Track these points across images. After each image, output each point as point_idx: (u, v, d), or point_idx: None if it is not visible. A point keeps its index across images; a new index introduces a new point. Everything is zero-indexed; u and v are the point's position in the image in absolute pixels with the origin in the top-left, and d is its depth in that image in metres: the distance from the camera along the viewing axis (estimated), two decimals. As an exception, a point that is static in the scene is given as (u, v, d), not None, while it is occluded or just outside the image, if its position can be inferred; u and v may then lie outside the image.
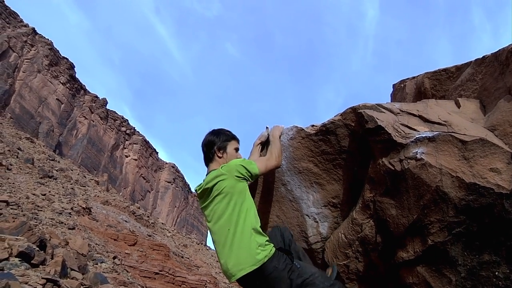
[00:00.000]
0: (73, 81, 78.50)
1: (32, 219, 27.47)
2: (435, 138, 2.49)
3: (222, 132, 3.04)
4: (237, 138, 3.09)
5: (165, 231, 65.35)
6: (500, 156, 2.36)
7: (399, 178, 2.55)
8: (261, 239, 2.60)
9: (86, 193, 50.75)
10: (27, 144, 53.40)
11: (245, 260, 2.53)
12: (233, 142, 3.03)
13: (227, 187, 2.67)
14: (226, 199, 2.66)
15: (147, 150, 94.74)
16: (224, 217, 2.65)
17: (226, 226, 2.63)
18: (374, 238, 2.76)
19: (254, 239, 2.57)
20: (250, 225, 2.61)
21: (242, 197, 2.68)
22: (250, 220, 2.63)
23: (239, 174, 2.71)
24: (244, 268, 2.52)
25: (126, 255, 37.36)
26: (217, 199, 2.70)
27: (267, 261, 2.51)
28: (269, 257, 2.53)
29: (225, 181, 2.69)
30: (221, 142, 2.97)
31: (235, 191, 2.67)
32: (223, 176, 2.70)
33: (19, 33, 67.39)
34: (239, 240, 2.57)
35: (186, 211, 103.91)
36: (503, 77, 2.85)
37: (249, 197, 2.74)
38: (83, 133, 76.97)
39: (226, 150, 2.96)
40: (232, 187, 2.68)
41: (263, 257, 2.51)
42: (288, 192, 3.27)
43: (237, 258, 2.56)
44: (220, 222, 2.67)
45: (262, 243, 2.58)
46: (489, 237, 2.33)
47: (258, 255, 2.52)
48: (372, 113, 2.76)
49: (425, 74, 4.00)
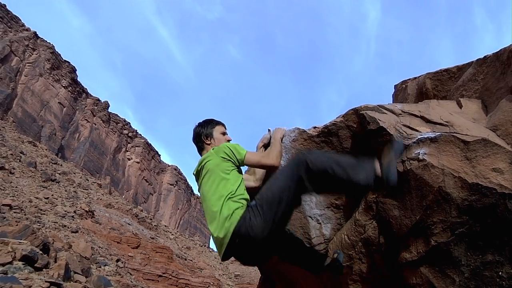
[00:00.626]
0: (75, 84, 78.67)
1: (35, 223, 27.51)
2: (437, 139, 2.49)
3: (206, 121, 3.13)
4: (222, 123, 3.16)
5: (168, 233, 65.33)
6: (503, 156, 2.36)
7: (402, 179, 2.54)
8: (233, 205, 2.50)
9: (89, 196, 50.79)
10: (30, 148, 53.50)
11: (222, 235, 2.44)
12: (218, 127, 3.10)
13: (211, 165, 2.68)
14: (210, 178, 2.65)
15: (149, 152, 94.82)
16: (208, 196, 2.62)
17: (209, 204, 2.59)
18: (377, 239, 2.76)
19: (226, 207, 2.49)
20: (221, 194, 2.55)
21: (224, 173, 2.64)
22: (223, 189, 2.57)
23: (225, 154, 2.71)
24: (223, 243, 2.43)
25: (129, 258, 37.38)
26: (204, 179, 2.70)
27: (237, 225, 2.39)
28: (237, 219, 2.41)
29: (211, 161, 2.71)
30: (207, 130, 3.06)
31: (217, 169, 2.65)
32: (210, 157, 2.73)
33: (21, 37, 67.60)
34: (217, 215, 2.50)
35: (189, 213, 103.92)
36: (505, 77, 2.86)
37: (233, 174, 2.68)
38: (85, 136, 77.10)
39: (213, 136, 3.04)
40: (216, 165, 2.67)
41: (229, 225, 2.41)
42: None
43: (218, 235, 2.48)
44: (205, 201, 2.64)
45: (233, 208, 2.49)
46: (492, 237, 2.33)
47: (227, 222, 2.43)
48: (374, 114, 2.77)
49: (426, 75, 4.01)
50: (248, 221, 2.36)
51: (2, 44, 62.56)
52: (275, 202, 2.37)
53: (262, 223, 2.33)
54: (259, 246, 2.38)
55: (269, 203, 2.37)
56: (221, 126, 3.14)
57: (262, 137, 3.31)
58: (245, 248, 2.40)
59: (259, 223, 2.34)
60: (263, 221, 2.34)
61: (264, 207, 2.37)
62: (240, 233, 2.36)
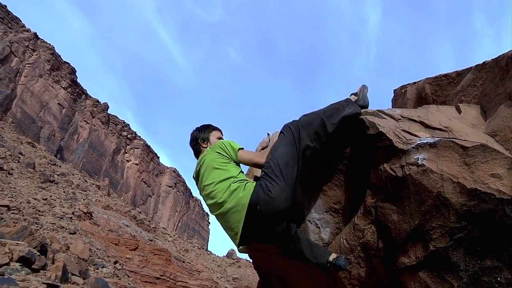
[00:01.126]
0: (75, 85, 78.68)
1: (33, 224, 27.45)
2: (436, 144, 2.50)
3: (203, 126, 3.21)
4: (219, 129, 3.24)
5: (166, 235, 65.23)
6: (501, 162, 2.37)
7: (401, 184, 2.55)
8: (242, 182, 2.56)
9: (87, 197, 50.72)
10: (29, 149, 53.43)
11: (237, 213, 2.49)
12: (215, 132, 3.18)
13: (208, 161, 2.75)
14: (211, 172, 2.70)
15: (148, 154, 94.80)
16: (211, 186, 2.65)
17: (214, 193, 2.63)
18: (376, 243, 2.76)
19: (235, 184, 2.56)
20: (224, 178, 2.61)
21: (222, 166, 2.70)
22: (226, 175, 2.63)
23: (220, 149, 2.77)
24: (240, 217, 2.48)
25: (127, 260, 37.29)
26: (205, 176, 2.74)
27: (254, 193, 2.45)
28: (251, 189, 2.47)
29: (208, 157, 2.78)
30: (204, 134, 3.14)
31: (214, 163, 2.71)
32: (207, 154, 2.81)
33: (21, 38, 67.63)
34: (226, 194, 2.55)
35: (188, 216, 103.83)
36: (504, 83, 2.87)
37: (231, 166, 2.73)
38: (84, 138, 77.07)
39: (209, 139, 3.11)
40: (212, 160, 2.73)
41: (242, 195, 2.47)
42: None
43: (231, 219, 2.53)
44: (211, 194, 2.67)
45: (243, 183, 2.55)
46: (491, 242, 2.34)
47: (241, 193, 2.50)
48: (373, 119, 2.78)
49: (426, 80, 4.02)
50: (265, 187, 2.42)
51: (2, 44, 62.57)
52: (283, 166, 2.47)
53: (279, 185, 2.42)
54: (281, 210, 2.42)
55: (279, 168, 2.47)
56: (218, 131, 3.21)
57: (261, 141, 3.32)
58: (267, 216, 2.43)
59: (276, 185, 2.41)
60: (280, 182, 2.42)
61: (276, 172, 2.45)
62: (259, 199, 2.41)
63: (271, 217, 2.44)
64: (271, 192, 2.39)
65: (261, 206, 2.40)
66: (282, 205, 2.41)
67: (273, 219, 2.45)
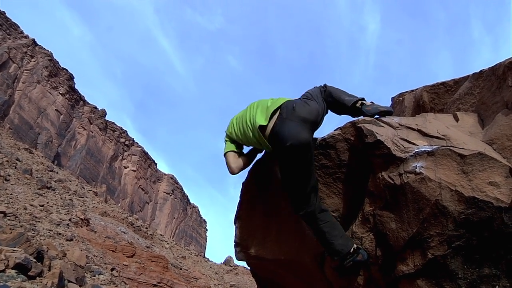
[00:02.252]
0: (72, 92, 78.70)
1: (30, 230, 27.34)
2: (434, 152, 2.51)
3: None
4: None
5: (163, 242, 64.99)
6: (499, 170, 2.38)
7: (399, 192, 2.56)
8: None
9: (84, 204, 50.55)
10: (26, 155, 53.31)
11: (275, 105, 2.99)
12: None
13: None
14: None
15: (146, 161, 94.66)
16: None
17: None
18: (374, 251, 2.76)
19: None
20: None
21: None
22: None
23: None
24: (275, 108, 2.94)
25: (124, 267, 37.10)
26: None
27: (291, 100, 3.04)
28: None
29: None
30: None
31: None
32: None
33: (19, 44, 67.72)
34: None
35: (185, 223, 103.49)
36: (501, 91, 2.89)
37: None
38: (81, 144, 76.93)
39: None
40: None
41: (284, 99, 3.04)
42: (288, 206, 3.27)
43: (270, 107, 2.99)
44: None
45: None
46: (489, 250, 2.34)
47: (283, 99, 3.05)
48: (371, 128, 2.79)
49: (423, 88, 4.03)
50: (303, 99, 3.03)
51: (1, 51, 62.64)
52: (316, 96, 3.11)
53: (316, 102, 2.99)
54: (311, 118, 2.85)
55: (315, 97, 3.08)
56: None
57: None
58: (298, 117, 2.80)
59: (313, 102, 2.98)
60: (316, 103, 2.98)
61: (314, 98, 3.04)
62: (297, 102, 2.95)
63: (301, 119, 2.79)
64: (308, 103, 2.93)
65: (296, 106, 2.86)
66: (314, 113, 2.88)
67: (302, 121, 2.79)
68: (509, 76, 2.81)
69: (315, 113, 2.89)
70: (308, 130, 2.79)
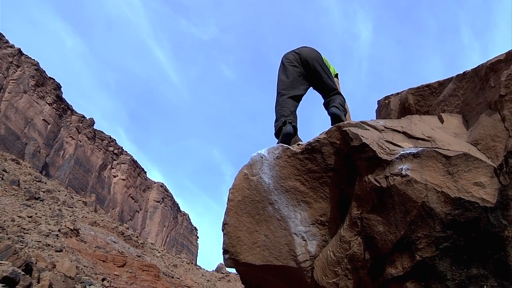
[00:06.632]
0: (60, 101, 78.01)
1: (18, 242, 26.91)
2: (420, 154, 2.51)
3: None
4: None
5: (154, 251, 64.46)
6: (484, 170, 2.39)
7: (385, 194, 2.56)
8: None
9: (73, 214, 49.99)
10: (13, 166, 52.63)
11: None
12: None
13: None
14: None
15: (135, 169, 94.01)
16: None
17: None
18: (363, 255, 2.75)
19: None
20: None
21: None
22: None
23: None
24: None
25: (115, 277, 36.70)
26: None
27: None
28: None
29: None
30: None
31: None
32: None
33: (5, 54, 67.07)
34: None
35: (176, 231, 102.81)
36: (484, 92, 2.91)
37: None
38: (70, 154, 76.17)
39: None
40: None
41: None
42: (275, 211, 3.25)
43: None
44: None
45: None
46: (476, 251, 2.35)
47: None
48: (356, 131, 2.79)
49: (408, 90, 4.06)
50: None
51: (-15, 61, 61.91)
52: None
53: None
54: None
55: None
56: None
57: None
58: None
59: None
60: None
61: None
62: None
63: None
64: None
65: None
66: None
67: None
68: (491, 77, 2.84)
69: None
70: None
